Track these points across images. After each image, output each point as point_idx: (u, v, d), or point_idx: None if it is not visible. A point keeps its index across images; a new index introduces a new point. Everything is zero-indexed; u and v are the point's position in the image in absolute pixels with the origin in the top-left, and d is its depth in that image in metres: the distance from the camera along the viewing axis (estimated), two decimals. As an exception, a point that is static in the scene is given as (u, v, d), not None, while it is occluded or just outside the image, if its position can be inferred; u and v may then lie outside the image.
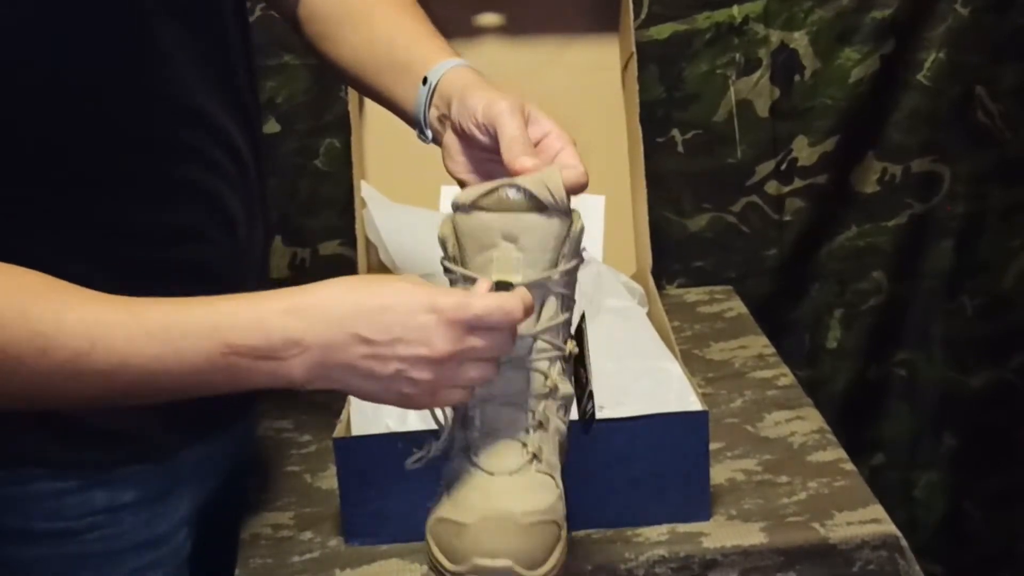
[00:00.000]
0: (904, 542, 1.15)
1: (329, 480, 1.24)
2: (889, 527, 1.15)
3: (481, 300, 0.84)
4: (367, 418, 1.19)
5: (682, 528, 1.16)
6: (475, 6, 1.59)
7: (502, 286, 0.88)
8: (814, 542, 1.14)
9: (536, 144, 0.96)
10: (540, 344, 0.90)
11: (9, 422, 0.96)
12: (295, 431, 1.38)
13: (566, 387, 0.93)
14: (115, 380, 0.84)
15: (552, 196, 0.89)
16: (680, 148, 1.72)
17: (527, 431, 0.90)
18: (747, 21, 1.68)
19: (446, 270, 0.93)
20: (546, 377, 0.91)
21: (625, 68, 1.60)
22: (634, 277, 1.50)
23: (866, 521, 1.16)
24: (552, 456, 0.92)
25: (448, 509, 0.89)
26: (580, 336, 0.96)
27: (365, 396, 0.87)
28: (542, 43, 1.61)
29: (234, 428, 1.15)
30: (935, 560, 1.84)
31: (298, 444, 1.36)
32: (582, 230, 0.93)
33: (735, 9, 1.68)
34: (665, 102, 1.70)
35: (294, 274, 1.70)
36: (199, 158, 0.99)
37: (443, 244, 0.93)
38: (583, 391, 0.96)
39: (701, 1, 1.67)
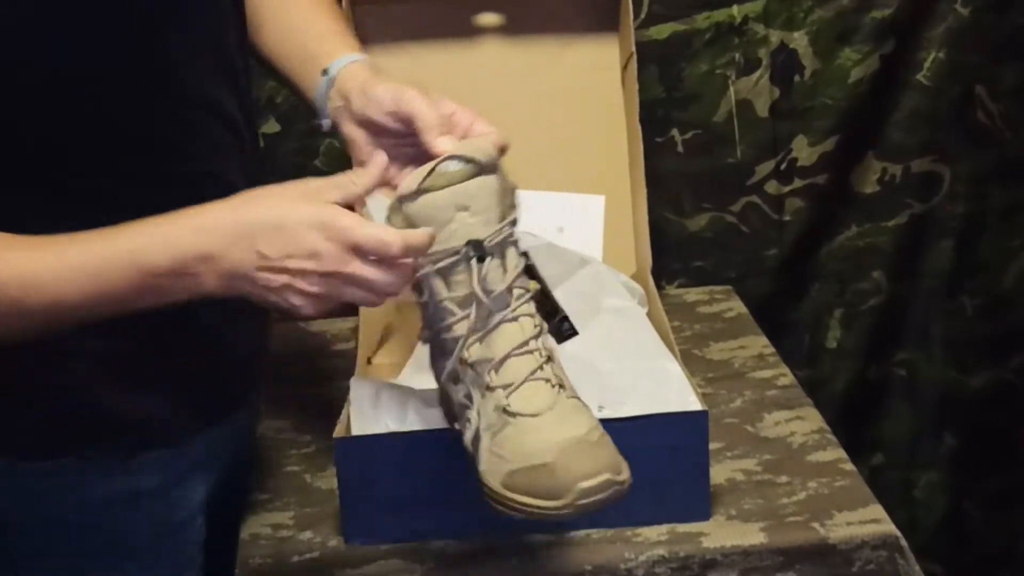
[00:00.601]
0: (904, 542, 1.15)
1: (329, 480, 1.24)
2: (889, 527, 1.15)
3: (363, 229, 0.91)
4: (367, 418, 1.19)
5: (682, 528, 1.16)
6: (475, 6, 1.58)
7: (475, 245, 0.95)
8: (814, 542, 1.14)
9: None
10: (517, 291, 0.97)
11: (41, 414, 1.00)
12: (295, 431, 1.38)
13: (545, 322, 1.01)
14: (54, 315, 0.92)
15: (490, 155, 0.97)
16: (680, 148, 1.72)
17: (542, 368, 0.96)
18: (747, 21, 1.68)
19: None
20: (532, 317, 0.98)
21: (625, 68, 1.60)
22: (634, 277, 1.50)
23: (866, 521, 1.16)
24: (567, 380, 0.99)
25: (516, 462, 0.94)
26: (532, 271, 1.03)
27: (262, 303, 0.94)
28: (542, 43, 1.61)
29: (237, 416, 1.16)
30: (935, 560, 1.84)
31: (298, 444, 1.36)
32: (513, 185, 1.00)
33: (735, 9, 1.68)
34: (665, 102, 1.70)
35: (294, 274, 1.70)
36: (201, 142, 1.01)
37: None
38: (555, 315, 1.06)
39: (701, 1, 1.67)
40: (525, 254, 1.02)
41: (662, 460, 1.15)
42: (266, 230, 0.91)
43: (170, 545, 1.10)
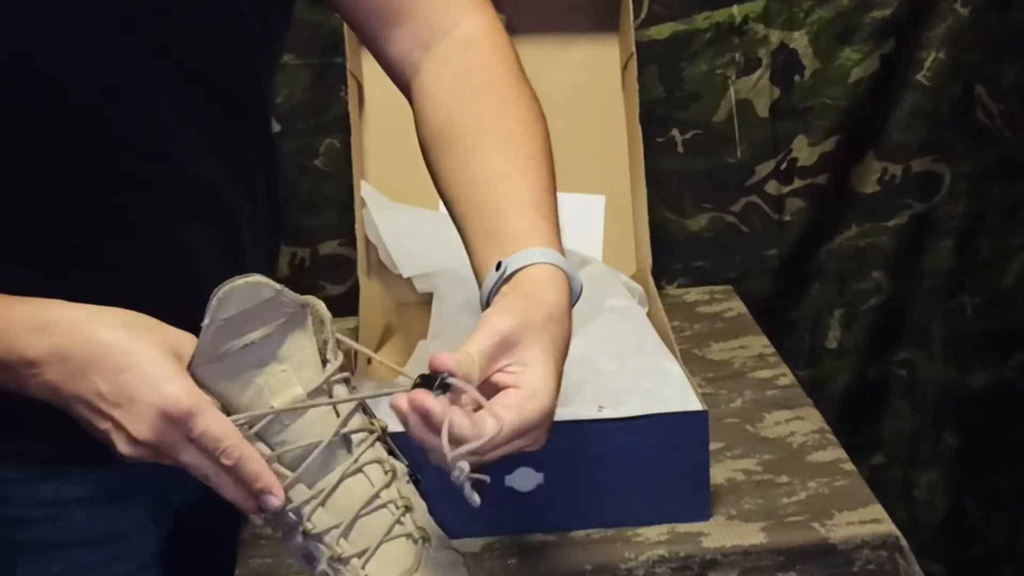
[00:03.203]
0: (904, 542, 1.15)
1: (329, 480, 1.23)
2: (889, 527, 1.15)
3: (215, 422, 0.79)
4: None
5: (682, 528, 1.16)
6: (475, 6, 1.58)
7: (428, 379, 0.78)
8: (814, 542, 1.14)
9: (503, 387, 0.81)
10: (356, 437, 0.83)
11: None
12: (295, 431, 1.38)
13: (397, 460, 0.86)
14: None
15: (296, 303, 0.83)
16: (680, 148, 1.72)
17: (400, 522, 0.83)
18: (747, 21, 1.68)
19: None
20: (380, 463, 0.84)
21: (625, 68, 1.60)
22: (634, 277, 1.50)
23: (866, 521, 1.16)
24: (427, 518, 0.85)
25: None
26: (368, 409, 0.86)
27: (83, 426, 0.84)
28: (542, 43, 1.61)
29: None
30: (935, 559, 1.84)
31: (298, 444, 1.35)
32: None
33: (735, 9, 1.68)
34: (665, 102, 1.70)
35: (294, 273, 1.70)
36: (155, 201, 0.93)
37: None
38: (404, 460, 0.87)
39: (701, 1, 1.67)
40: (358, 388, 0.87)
41: (662, 460, 1.15)
42: (107, 365, 0.80)
43: (105, 554, 1.02)
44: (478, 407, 0.79)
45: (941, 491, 1.87)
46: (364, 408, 0.85)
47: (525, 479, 1.14)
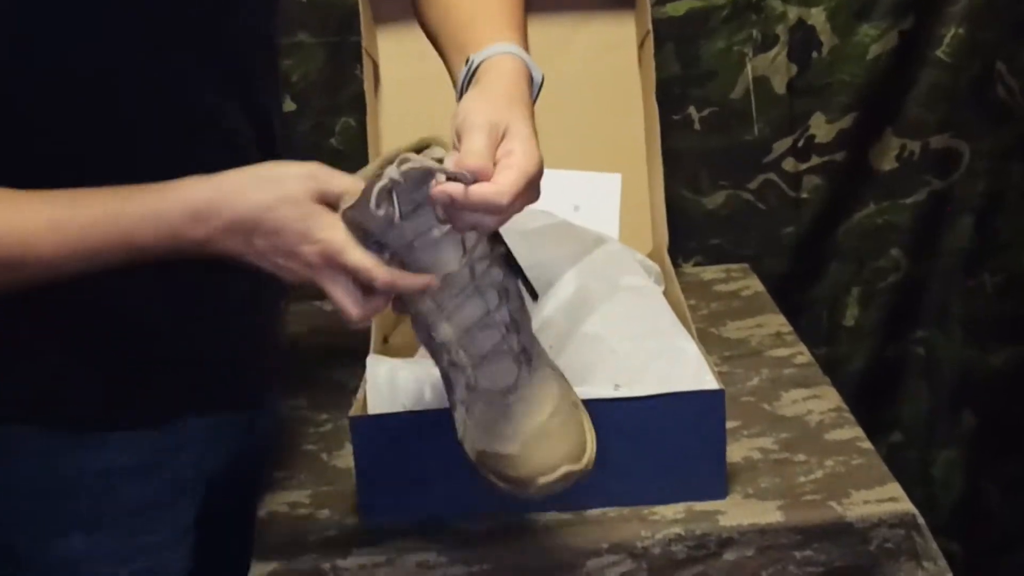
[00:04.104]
0: (921, 520, 1.14)
1: (346, 459, 1.24)
2: (906, 505, 1.15)
3: (352, 255, 0.93)
4: (383, 398, 1.19)
5: (698, 506, 1.16)
6: (490, -16, 1.58)
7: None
8: (831, 520, 1.14)
9: (497, 161, 0.95)
10: (478, 267, 0.97)
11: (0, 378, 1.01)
12: (311, 410, 1.38)
13: (511, 284, 1.01)
14: (52, 277, 0.95)
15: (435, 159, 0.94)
16: (697, 126, 1.71)
17: (504, 339, 0.98)
18: (764, -3, 1.67)
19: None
20: (495, 288, 0.98)
21: (641, 46, 1.59)
22: (650, 255, 1.49)
23: (883, 500, 1.16)
24: (534, 347, 1.01)
25: (487, 442, 0.98)
26: (497, 236, 1.01)
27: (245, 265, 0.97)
28: (558, 21, 1.61)
29: (239, 410, 1.16)
30: (953, 538, 1.83)
31: (315, 423, 1.36)
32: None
33: (752, -15, 1.67)
34: (681, 79, 1.69)
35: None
36: (185, 151, 1.02)
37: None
38: (521, 277, 1.05)
39: (718, -22, 1.67)
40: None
41: (679, 439, 1.15)
42: (261, 229, 0.93)
43: (145, 521, 1.10)
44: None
45: (958, 471, 1.87)
46: (492, 236, 0.99)
47: (541, 458, 1.14)
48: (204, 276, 1.01)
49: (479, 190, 0.91)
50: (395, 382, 1.20)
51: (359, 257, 0.93)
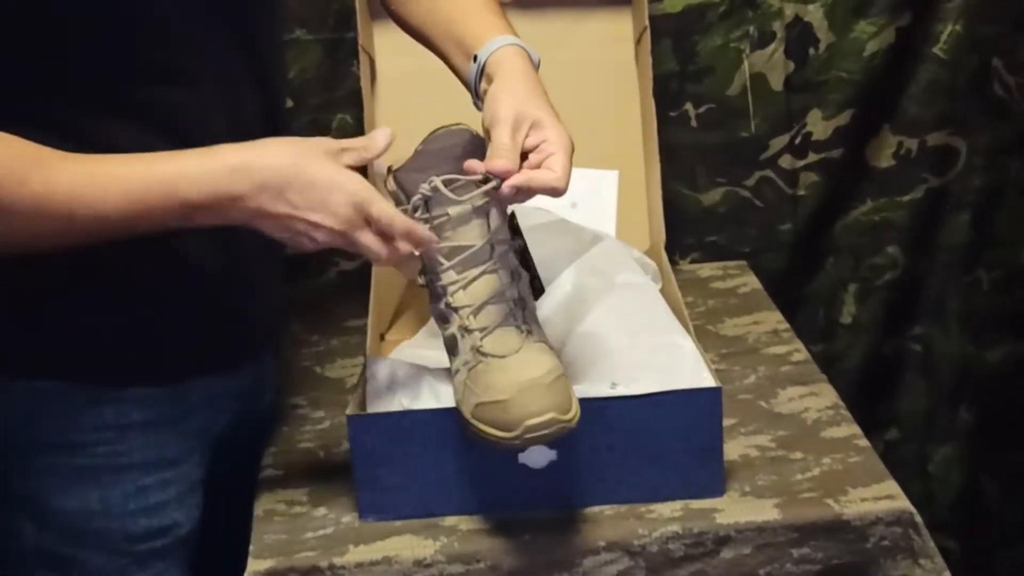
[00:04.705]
0: (918, 518, 1.15)
1: (343, 457, 1.24)
2: (903, 503, 1.15)
3: (380, 205, 1.04)
4: (382, 396, 1.19)
5: (695, 504, 1.16)
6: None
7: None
8: (828, 518, 1.14)
9: (533, 149, 1.09)
10: (498, 248, 1.09)
11: (25, 334, 1.07)
12: (309, 407, 1.38)
13: (523, 271, 1.13)
14: (96, 230, 1.00)
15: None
16: (694, 122, 1.71)
17: (514, 316, 1.09)
18: (761, -6, 1.67)
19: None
20: (510, 270, 1.10)
21: (639, 42, 1.59)
22: (647, 252, 1.49)
23: (880, 497, 1.16)
24: (536, 326, 1.12)
25: (483, 395, 1.06)
26: (517, 229, 1.16)
27: (275, 238, 1.05)
28: (555, 17, 1.60)
29: (243, 368, 1.22)
30: (950, 535, 1.84)
31: (312, 420, 1.36)
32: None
33: (749, -18, 1.66)
34: (679, 76, 1.69)
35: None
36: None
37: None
38: (532, 272, 1.18)
39: (715, -26, 1.66)
40: (512, 213, 1.16)
41: (676, 436, 1.15)
42: (301, 184, 1.02)
43: (158, 478, 1.14)
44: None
45: (956, 467, 1.87)
46: (513, 227, 1.14)
47: (538, 456, 1.14)
48: (214, 236, 1.06)
49: (541, 177, 1.07)
50: (394, 381, 1.20)
51: (385, 206, 1.04)
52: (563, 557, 1.13)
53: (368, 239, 1.04)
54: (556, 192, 1.07)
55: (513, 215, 1.16)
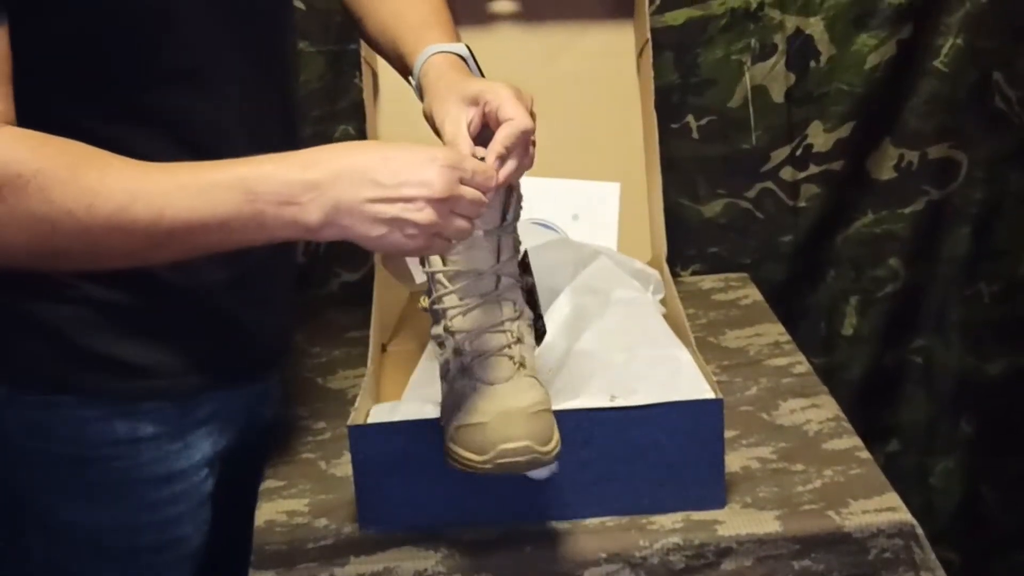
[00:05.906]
0: (919, 530, 1.15)
1: (344, 467, 1.24)
2: (904, 515, 1.15)
3: (470, 160, 0.99)
4: (382, 407, 1.19)
5: (697, 516, 1.16)
6: (490, -7, 1.59)
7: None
8: (829, 530, 1.14)
9: (484, 117, 1.05)
10: (505, 280, 1.09)
11: (39, 349, 1.06)
12: (310, 418, 1.39)
13: (528, 311, 1.12)
14: (154, 232, 0.93)
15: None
16: (695, 134, 1.71)
17: (510, 347, 1.07)
18: (762, 7, 1.67)
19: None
20: (514, 303, 1.09)
21: (640, 54, 1.60)
22: (649, 264, 1.49)
23: (881, 509, 1.16)
24: (532, 362, 1.10)
25: (464, 418, 1.05)
26: (527, 268, 1.14)
27: (369, 242, 0.97)
28: (557, 30, 1.61)
29: (253, 385, 1.22)
30: (951, 547, 1.83)
31: (313, 431, 1.36)
32: (519, 195, 1.10)
33: (750, -6, 1.67)
34: (680, 88, 1.70)
35: (309, 260, 1.70)
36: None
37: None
38: (536, 314, 1.16)
39: (716, -13, 1.67)
40: (525, 253, 1.14)
41: (677, 448, 1.15)
42: (379, 161, 0.95)
43: (168, 492, 1.14)
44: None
45: (957, 478, 1.87)
46: (524, 266, 1.13)
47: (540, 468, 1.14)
48: (226, 252, 1.01)
49: (509, 140, 1.02)
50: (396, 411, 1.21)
51: (473, 161, 1.00)
52: (564, 569, 1.13)
53: (471, 201, 0.97)
54: (529, 130, 1.03)
55: (526, 253, 1.15)
